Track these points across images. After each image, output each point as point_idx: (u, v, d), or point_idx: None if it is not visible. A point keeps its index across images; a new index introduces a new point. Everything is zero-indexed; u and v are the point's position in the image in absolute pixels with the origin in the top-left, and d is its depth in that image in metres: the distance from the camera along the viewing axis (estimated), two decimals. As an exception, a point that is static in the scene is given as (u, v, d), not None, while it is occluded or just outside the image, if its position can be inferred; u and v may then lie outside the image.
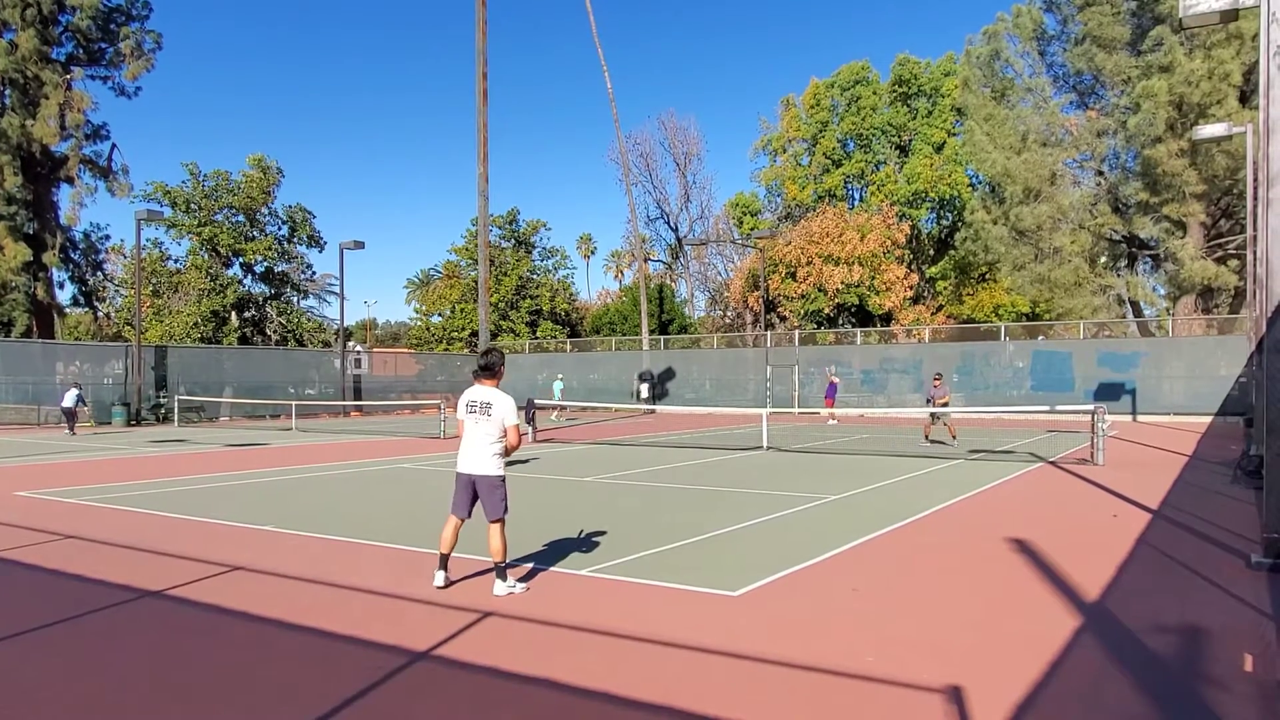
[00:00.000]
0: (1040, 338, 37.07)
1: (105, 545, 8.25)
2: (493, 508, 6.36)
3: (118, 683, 4.59)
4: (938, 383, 20.18)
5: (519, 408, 6.93)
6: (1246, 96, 30.59)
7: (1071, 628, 5.43)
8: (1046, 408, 21.27)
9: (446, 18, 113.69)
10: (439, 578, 6.44)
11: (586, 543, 8.23)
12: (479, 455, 6.34)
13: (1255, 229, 18.54)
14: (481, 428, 6.35)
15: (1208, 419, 28.05)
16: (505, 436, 6.37)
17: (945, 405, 20.07)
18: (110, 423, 30.06)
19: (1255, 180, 20.35)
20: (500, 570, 6.35)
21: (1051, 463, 15.78)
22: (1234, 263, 33.01)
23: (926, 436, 20.44)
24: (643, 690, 4.37)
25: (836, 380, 30.05)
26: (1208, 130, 21.61)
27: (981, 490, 12.07)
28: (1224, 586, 6.50)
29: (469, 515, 6.49)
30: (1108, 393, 29.88)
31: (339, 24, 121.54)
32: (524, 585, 6.42)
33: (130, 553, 7.90)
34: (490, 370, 6.51)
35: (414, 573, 7.01)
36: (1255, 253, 18.28)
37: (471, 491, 6.40)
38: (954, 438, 19.99)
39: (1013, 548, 7.94)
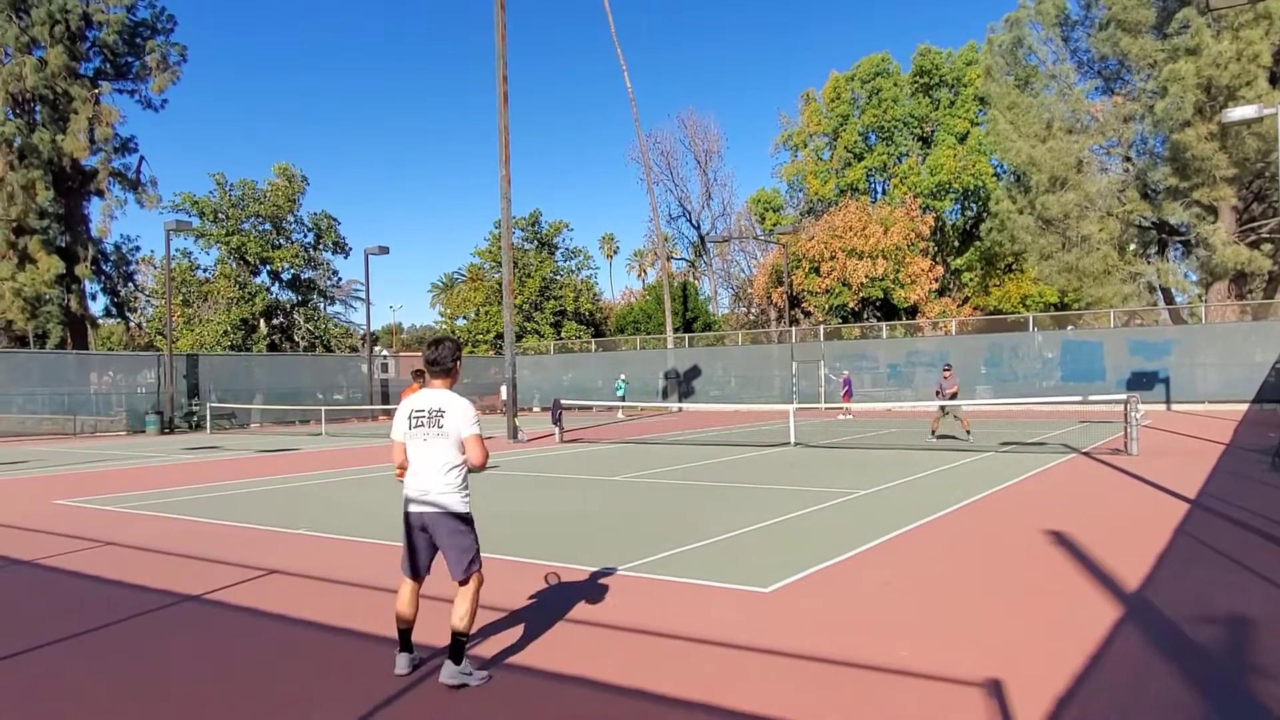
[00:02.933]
0: (1069, 328, 36.62)
1: (143, 551, 8.37)
2: (457, 561, 4.53)
3: (159, 686, 4.65)
4: (948, 374, 19.64)
5: (545, 408, 6.02)
6: (1276, 77, 30.07)
7: (1112, 619, 5.36)
8: (1078, 398, 20.99)
9: (466, 22, 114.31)
10: (401, 662, 4.65)
11: (617, 541, 8.24)
12: (431, 485, 4.54)
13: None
14: (433, 447, 4.56)
15: (1244, 406, 27.57)
16: (465, 456, 4.62)
17: (954, 397, 19.46)
18: (144, 431, 30.52)
19: (1288, 162, 19.97)
20: (457, 644, 4.45)
21: (1085, 453, 15.58)
22: (1267, 247, 32.43)
23: (933, 432, 19.64)
24: (679, 688, 4.37)
25: (848, 375, 30.48)
26: (1237, 113, 21.28)
27: (1014, 482, 11.95)
28: (1264, 575, 6.39)
29: (427, 572, 4.74)
30: (1140, 382, 29.48)
31: (360, 31, 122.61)
32: (484, 674, 4.54)
33: (168, 558, 8.01)
34: (440, 366, 4.73)
35: (444, 574, 7.04)
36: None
37: (426, 538, 4.62)
38: (968, 433, 18.79)
39: (1048, 539, 7.85)
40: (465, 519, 4.60)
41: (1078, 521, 8.68)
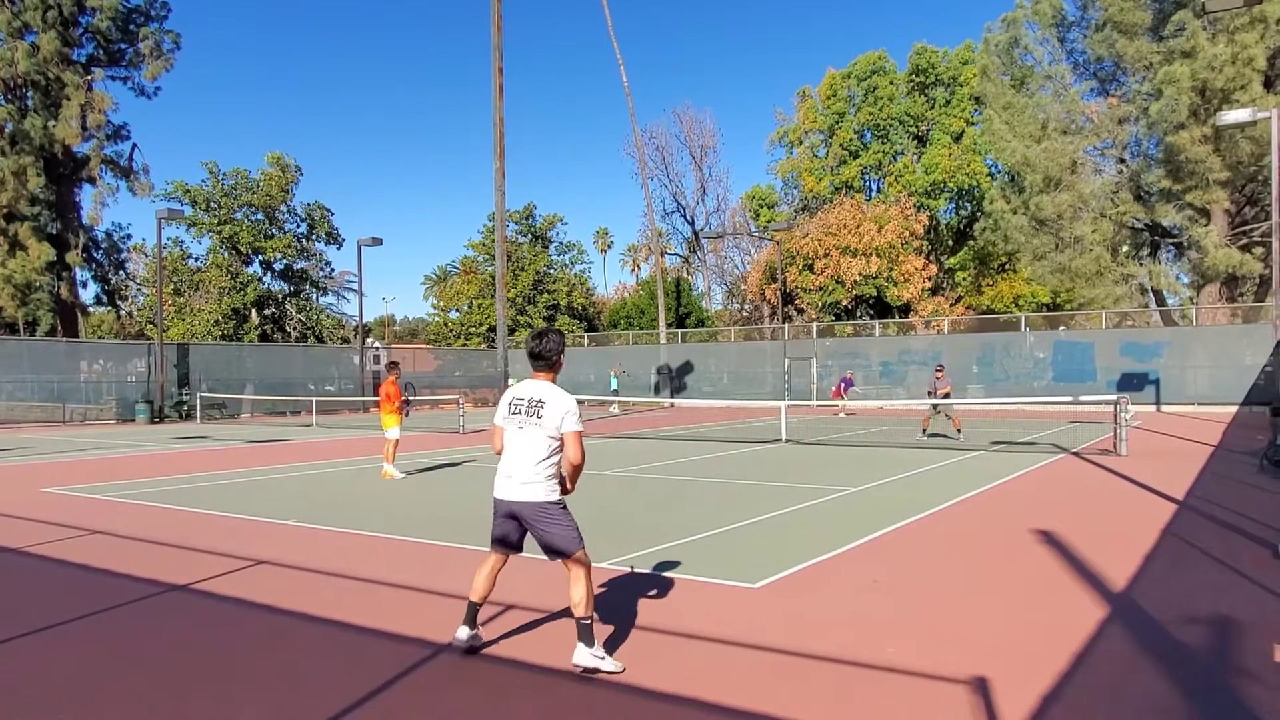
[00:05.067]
0: (1061, 328, 36.76)
1: (131, 540, 8.34)
2: (560, 540, 4.57)
3: (145, 675, 4.64)
4: (940, 374, 19.91)
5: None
6: (1271, 81, 30.17)
7: (1098, 619, 5.38)
8: (1068, 398, 21.11)
9: (462, 14, 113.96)
10: (463, 633, 4.75)
11: (605, 536, 8.23)
12: (524, 475, 4.58)
13: (1281, 215, 18.29)
14: (528, 436, 4.59)
15: (1233, 409, 27.71)
16: (562, 450, 4.63)
17: (947, 396, 19.68)
18: (134, 420, 30.40)
19: (1281, 166, 20.06)
20: (582, 628, 4.50)
21: (1074, 454, 15.64)
22: (1259, 250, 32.56)
23: (924, 430, 19.83)
24: (665, 682, 4.38)
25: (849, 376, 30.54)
26: (1232, 116, 21.37)
27: (1004, 481, 11.99)
28: (1251, 577, 6.42)
29: (516, 549, 4.82)
30: (1131, 383, 29.61)
31: (355, 22, 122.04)
32: (617, 664, 4.49)
33: (156, 547, 7.98)
34: (544, 360, 4.75)
35: (436, 567, 7.05)
36: (1281, 239, 18.05)
37: (515, 524, 4.70)
38: (958, 432, 19.00)
39: (1036, 539, 7.88)
40: (557, 505, 4.63)
41: (1066, 521, 8.72)
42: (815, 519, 9.19)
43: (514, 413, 4.66)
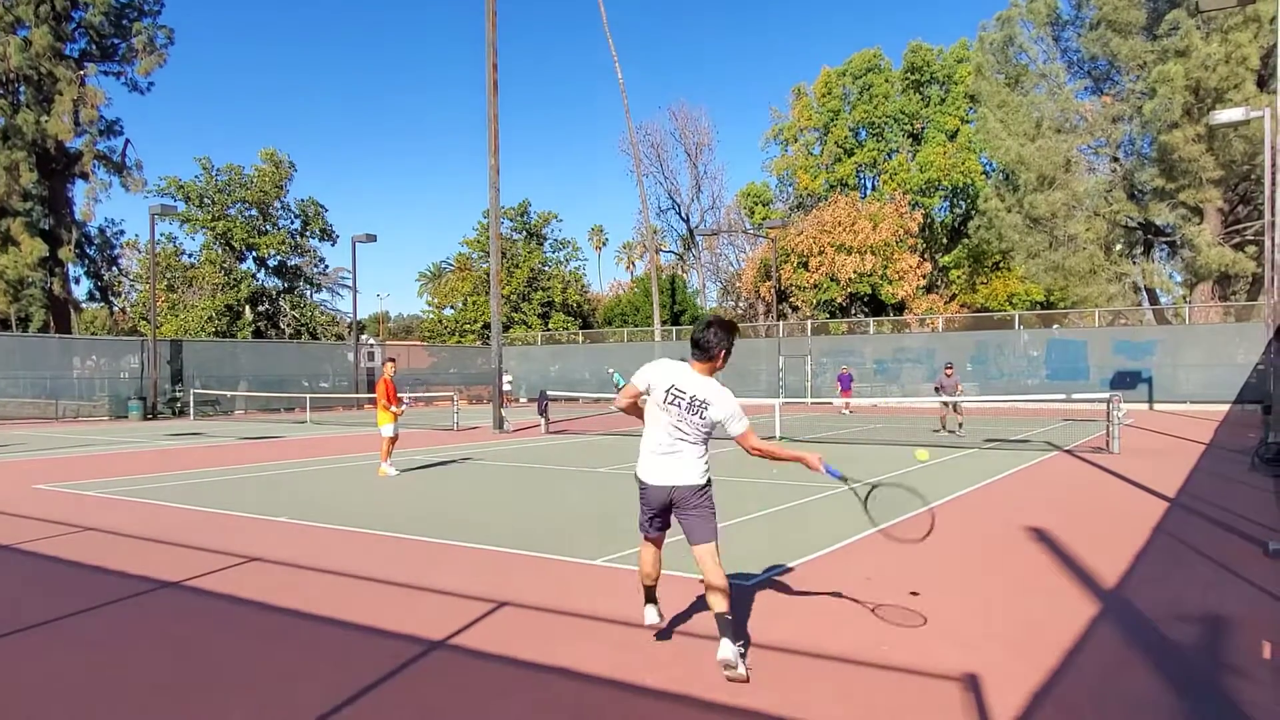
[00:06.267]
0: (1055, 326, 36.85)
1: (123, 537, 8.32)
2: (705, 526, 4.56)
3: (136, 672, 4.63)
4: (950, 372, 20.73)
5: (531, 399, 5.72)
6: (1264, 80, 30.22)
7: (1089, 615, 5.40)
8: (1062, 396, 21.19)
9: (457, 10, 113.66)
10: (650, 614, 4.87)
11: (598, 533, 8.23)
12: (676, 462, 4.53)
13: (1273, 215, 18.35)
14: (682, 426, 4.51)
15: (1225, 407, 27.81)
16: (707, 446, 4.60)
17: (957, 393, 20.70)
18: (127, 416, 30.31)
19: (1273, 165, 20.13)
20: (724, 623, 4.34)
21: (1067, 451, 15.68)
22: (1252, 249, 32.68)
23: (944, 424, 20.81)
24: (658, 679, 4.38)
25: (847, 372, 30.38)
26: (1225, 115, 21.39)
27: (997, 479, 12.02)
28: (1242, 574, 6.45)
29: (664, 529, 4.82)
30: (1124, 381, 29.69)
31: (349, 17, 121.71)
32: (745, 665, 4.31)
33: (148, 544, 7.96)
34: (705, 351, 4.58)
35: (428, 563, 7.04)
36: (1273, 239, 18.10)
37: (666, 508, 4.65)
38: (960, 425, 20.47)
39: (1029, 536, 7.90)
40: (706, 489, 4.56)
41: (1058, 519, 8.74)
42: (808, 516, 9.20)
43: (672, 403, 4.49)
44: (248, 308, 49.70)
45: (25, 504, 10.57)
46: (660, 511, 4.64)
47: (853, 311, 48.68)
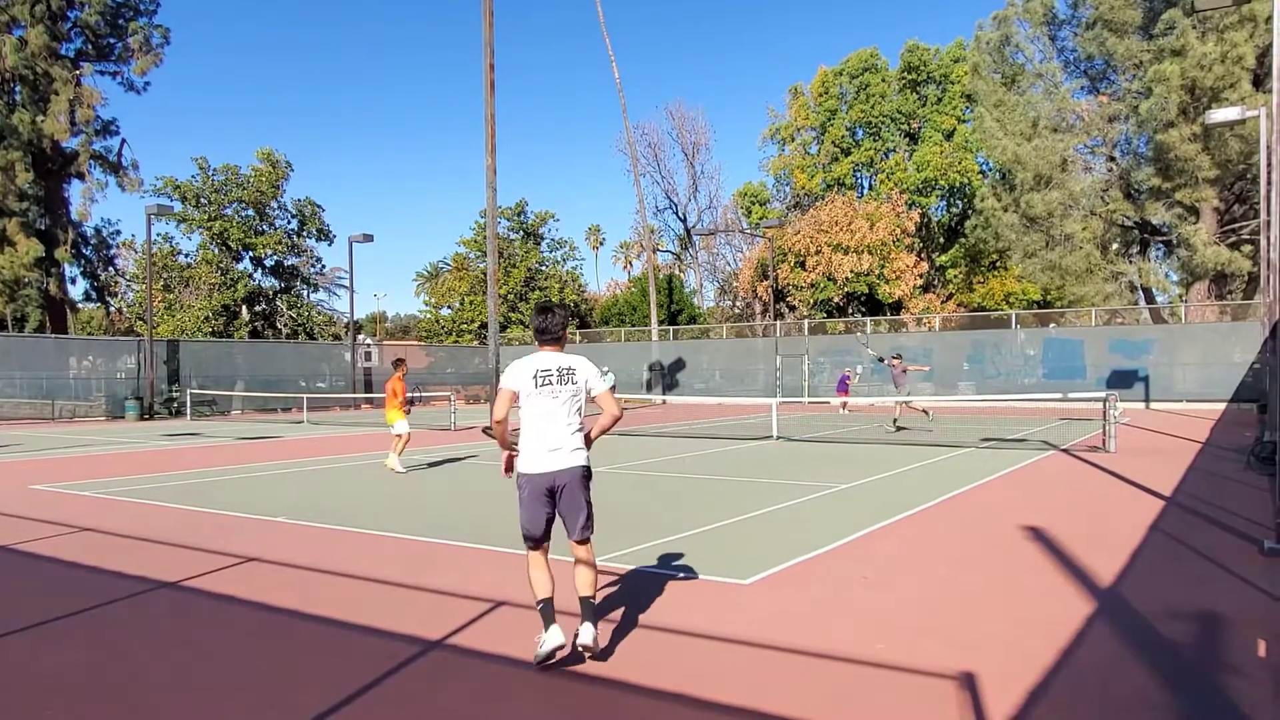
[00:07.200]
0: (1052, 325, 36.89)
1: (120, 538, 8.31)
2: (583, 520, 4.66)
3: (133, 672, 4.63)
4: (897, 361, 20.55)
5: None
6: (1260, 80, 30.30)
7: (1085, 614, 5.41)
8: (1058, 395, 21.22)
9: (454, 9, 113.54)
10: (555, 635, 4.48)
11: (595, 533, 8.23)
12: (562, 442, 4.56)
13: (1269, 214, 18.40)
14: (563, 404, 4.58)
15: (1221, 405, 27.85)
16: (600, 411, 4.63)
17: (907, 389, 20.70)
18: (123, 417, 30.25)
19: (1269, 164, 20.18)
20: (592, 608, 4.57)
21: (1063, 450, 15.71)
22: (1247, 248, 32.75)
23: (895, 423, 20.64)
24: (656, 679, 4.39)
25: (849, 372, 30.43)
26: (1221, 114, 21.46)
27: (993, 478, 12.04)
28: (1237, 573, 6.47)
29: (549, 536, 4.75)
30: (1120, 380, 29.72)
31: (346, 17, 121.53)
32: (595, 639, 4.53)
33: (145, 545, 7.96)
34: (549, 334, 4.74)
35: (426, 563, 7.05)
36: (1269, 238, 18.16)
37: (550, 500, 4.66)
38: (894, 423, 20.47)
39: (1025, 535, 7.92)
40: (590, 475, 4.69)
41: (1054, 518, 8.76)
42: (806, 515, 9.22)
43: (543, 384, 4.59)
44: (244, 308, 49.62)
45: (22, 504, 10.55)
46: (548, 504, 4.66)
47: (850, 311, 48.69)
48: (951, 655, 4.68)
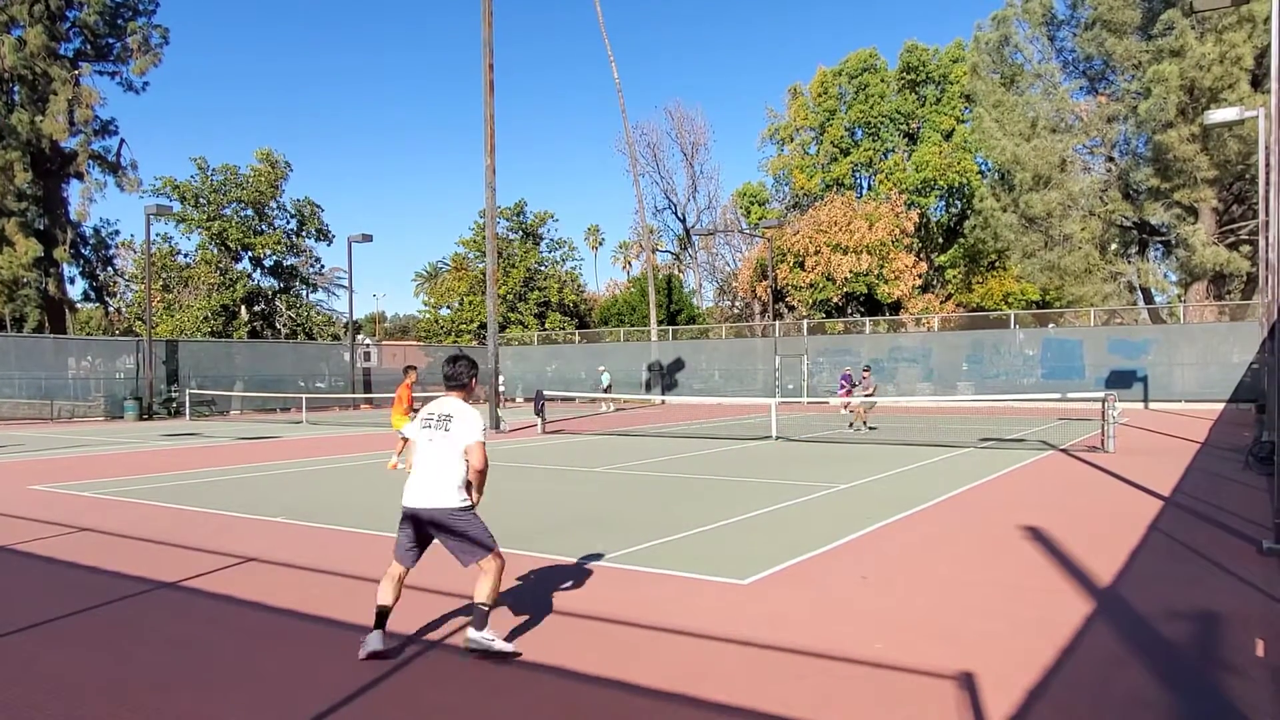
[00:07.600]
0: (1051, 325, 36.90)
1: (119, 538, 8.31)
2: (466, 552, 4.86)
3: (131, 672, 4.63)
4: (866, 375, 21.86)
5: (528, 398, 6.15)
6: (1259, 80, 30.32)
7: (1084, 614, 5.42)
8: (1057, 395, 21.22)
9: (453, 10, 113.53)
10: (374, 640, 4.74)
11: (595, 533, 8.24)
12: (434, 483, 4.87)
13: (1267, 214, 18.42)
14: (437, 448, 4.91)
15: (1219, 406, 27.88)
16: (467, 462, 4.88)
17: (870, 396, 21.79)
18: (122, 417, 30.23)
19: (1267, 165, 20.20)
20: (483, 615, 4.79)
21: (1062, 450, 15.72)
22: (1246, 248, 32.77)
23: (864, 423, 21.10)
24: (655, 678, 4.39)
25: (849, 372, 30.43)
26: (1219, 115, 21.48)
27: (992, 478, 12.05)
28: (1236, 572, 6.48)
29: (415, 562, 5.04)
30: (1119, 380, 29.73)
31: (345, 17, 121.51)
32: (510, 645, 4.82)
33: (144, 545, 7.96)
34: (455, 381, 5.15)
35: (424, 563, 7.02)
36: (1268, 238, 18.18)
37: (423, 533, 4.97)
38: (852, 424, 21.23)
39: (1024, 535, 7.93)
40: (465, 509, 4.88)
41: (1053, 517, 8.77)
42: (804, 515, 9.22)
43: (425, 427, 5.00)
44: (243, 308, 49.59)
45: (21, 504, 10.55)
46: (419, 537, 4.96)
47: (849, 311, 48.70)
48: (951, 655, 4.68)
